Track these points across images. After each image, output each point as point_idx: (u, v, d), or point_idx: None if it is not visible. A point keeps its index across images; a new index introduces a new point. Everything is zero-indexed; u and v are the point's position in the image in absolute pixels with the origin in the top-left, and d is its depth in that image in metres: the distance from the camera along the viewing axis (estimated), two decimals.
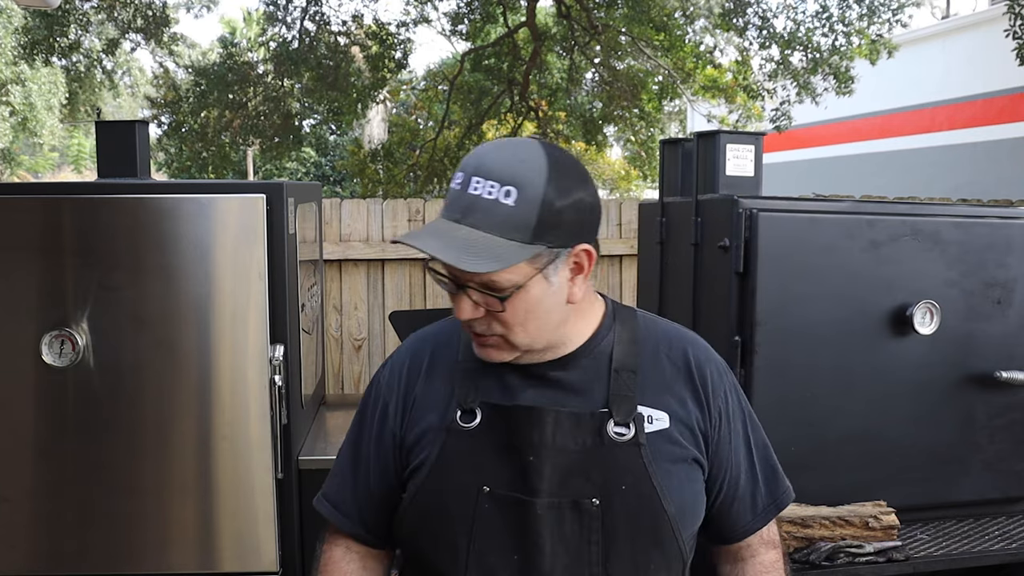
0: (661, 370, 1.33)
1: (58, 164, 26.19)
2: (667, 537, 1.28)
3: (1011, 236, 2.49)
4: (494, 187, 1.15)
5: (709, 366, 1.37)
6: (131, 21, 9.91)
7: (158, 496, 2.38)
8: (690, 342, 1.39)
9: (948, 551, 2.27)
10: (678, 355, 1.36)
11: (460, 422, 1.28)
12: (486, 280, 1.17)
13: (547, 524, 1.24)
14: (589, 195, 1.22)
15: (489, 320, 1.22)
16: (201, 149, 11.20)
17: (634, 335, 1.34)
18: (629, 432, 1.26)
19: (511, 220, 1.15)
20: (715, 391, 1.36)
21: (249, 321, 2.37)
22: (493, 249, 1.15)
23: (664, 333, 1.38)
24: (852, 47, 9.32)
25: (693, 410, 1.33)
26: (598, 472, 1.25)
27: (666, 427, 1.30)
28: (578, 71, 12.33)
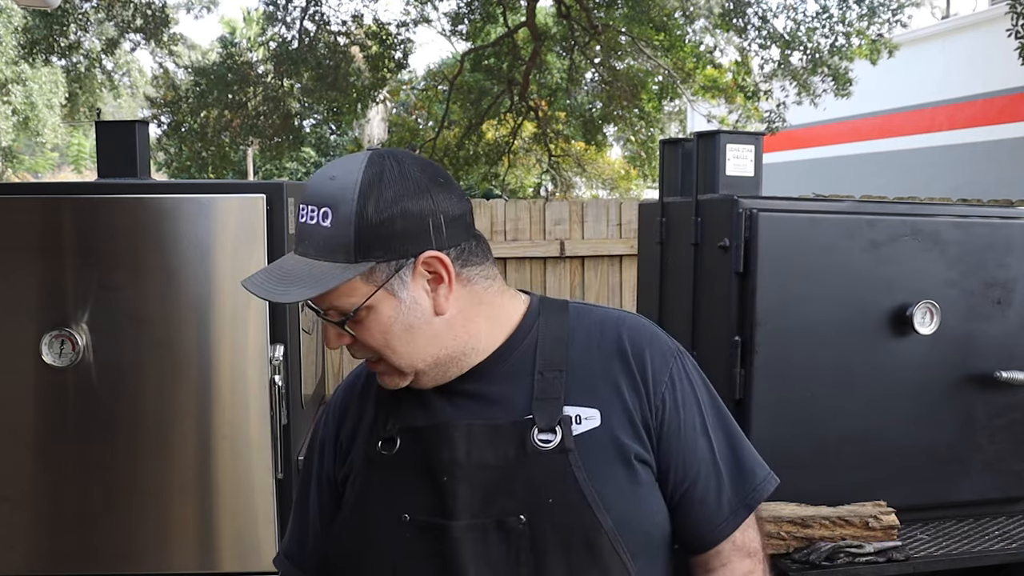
0: (592, 361, 1.21)
1: (58, 164, 26.20)
2: (606, 551, 1.15)
3: (1011, 236, 2.49)
4: (314, 211, 1.11)
5: (648, 349, 1.22)
6: (130, 21, 9.91)
7: (158, 496, 2.38)
8: (627, 326, 1.25)
9: (948, 551, 2.27)
10: (610, 341, 1.22)
11: (381, 451, 1.21)
12: (331, 306, 1.13)
13: (469, 548, 1.15)
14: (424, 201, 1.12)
15: (360, 346, 1.17)
16: (201, 149, 11.21)
17: (562, 330, 1.22)
18: (555, 438, 1.15)
19: (331, 242, 1.10)
20: (656, 376, 1.21)
21: (249, 321, 2.37)
22: (314, 275, 1.10)
23: (596, 321, 1.25)
24: (852, 47, 9.33)
25: (631, 400, 1.19)
26: (523, 486, 1.14)
27: (597, 424, 1.16)
28: (578, 71, 12.34)
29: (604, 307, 1.32)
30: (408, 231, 1.12)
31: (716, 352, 2.47)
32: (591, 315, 1.27)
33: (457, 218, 1.16)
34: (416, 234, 1.12)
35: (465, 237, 1.17)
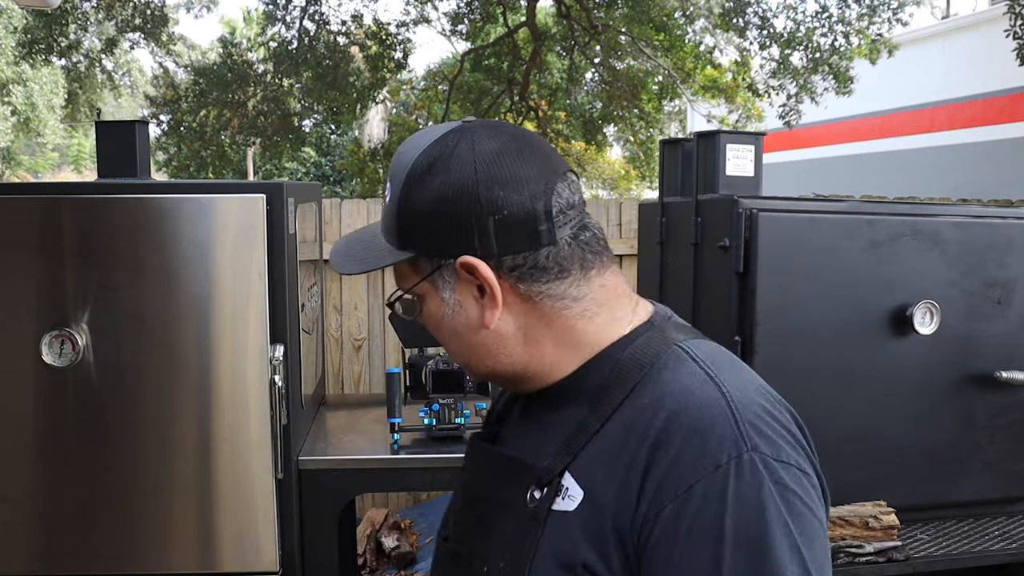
0: (621, 433, 0.91)
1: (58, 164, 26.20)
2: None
3: (1011, 236, 2.49)
4: (386, 185, 1.03)
5: (683, 438, 0.86)
6: (130, 20, 9.91)
7: (158, 496, 2.38)
8: (684, 399, 0.89)
9: (948, 551, 2.27)
10: (649, 422, 0.89)
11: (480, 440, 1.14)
12: (397, 282, 1.05)
13: (445, 570, 1.09)
14: (474, 198, 0.93)
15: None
16: (200, 148, 11.21)
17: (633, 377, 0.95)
18: (538, 498, 0.94)
19: (386, 219, 1.02)
20: (670, 477, 0.84)
21: (249, 321, 2.37)
22: (369, 250, 1.03)
23: (668, 391, 0.91)
24: (852, 47, 9.33)
25: (617, 492, 0.88)
26: (499, 534, 0.99)
27: (571, 509, 0.91)
28: (578, 71, 12.33)
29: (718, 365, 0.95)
30: (447, 229, 0.95)
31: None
32: (680, 366, 0.94)
33: (521, 222, 0.94)
34: (455, 234, 0.95)
35: (531, 245, 0.95)
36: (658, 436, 0.87)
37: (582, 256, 0.98)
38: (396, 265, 1.01)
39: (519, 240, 0.95)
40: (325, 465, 2.55)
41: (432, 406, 2.60)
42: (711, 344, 1.02)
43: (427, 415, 2.60)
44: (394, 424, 2.58)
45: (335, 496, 2.57)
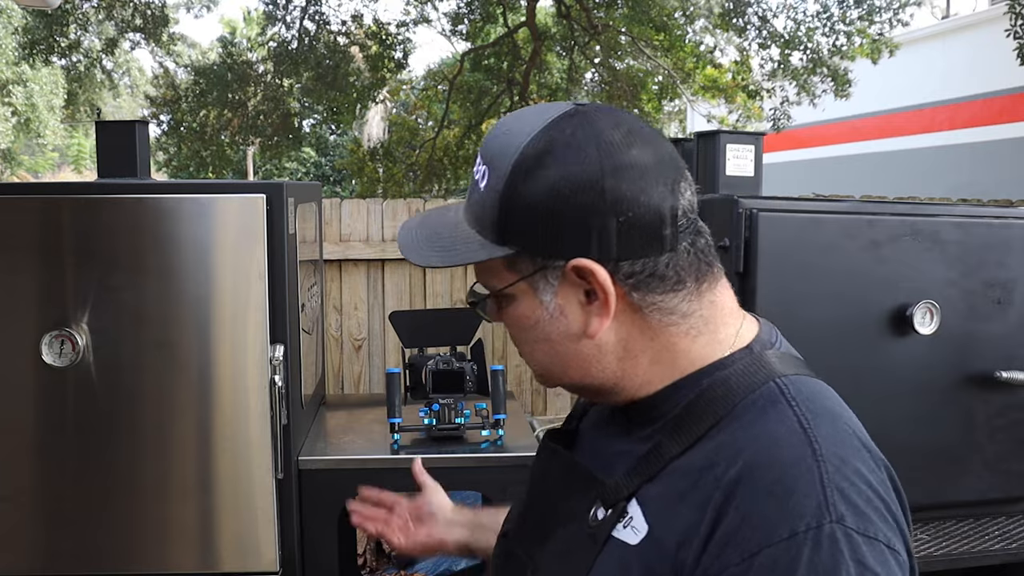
0: (694, 468, 0.83)
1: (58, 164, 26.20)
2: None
3: (1011, 236, 2.49)
4: (480, 165, 0.89)
5: (757, 497, 0.76)
6: (130, 20, 9.91)
7: (158, 496, 2.38)
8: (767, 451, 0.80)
9: (948, 551, 2.27)
10: (727, 459, 0.80)
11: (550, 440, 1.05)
12: (480, 278, 0.94)
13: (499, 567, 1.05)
14: (596, 194, 0.83)
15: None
16: (200, 148, 11.21)
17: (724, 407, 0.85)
18: (602, 518, 0.87)
19: (479, 207, 0.89)
20: (739, 533, 0.75)
21: (249, 321, 2.37)
22: (455, 241, 0.90)
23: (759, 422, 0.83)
24: (853, 47, 9.33)
25: (681, 537, 0.80)
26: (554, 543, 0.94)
27: (632, 543, 0.83)
28: (578, 71, 12.33)
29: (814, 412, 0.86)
30: (560, 227, 0.84)
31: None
32: (771, 408, 0.85)
33: (647, 225, 0.85)
34: (570, 234, 0.84)
35: (652, 250, 0.86)
36: (732, 487, 0.78)
37: (698, 266, 0.90)
38: (489, 263, 0.89)
39: (641, 245, 0.85)
40: (325, 465, 2.55)
41: (432, 406, 2.60)
42: (815, 383, 0.92)
43: (427, 415, 2.60)
44: (394, 424, 2.58)
45: (335, 496, 2.56)
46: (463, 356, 2.71)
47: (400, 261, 3.64)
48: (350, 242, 3.61)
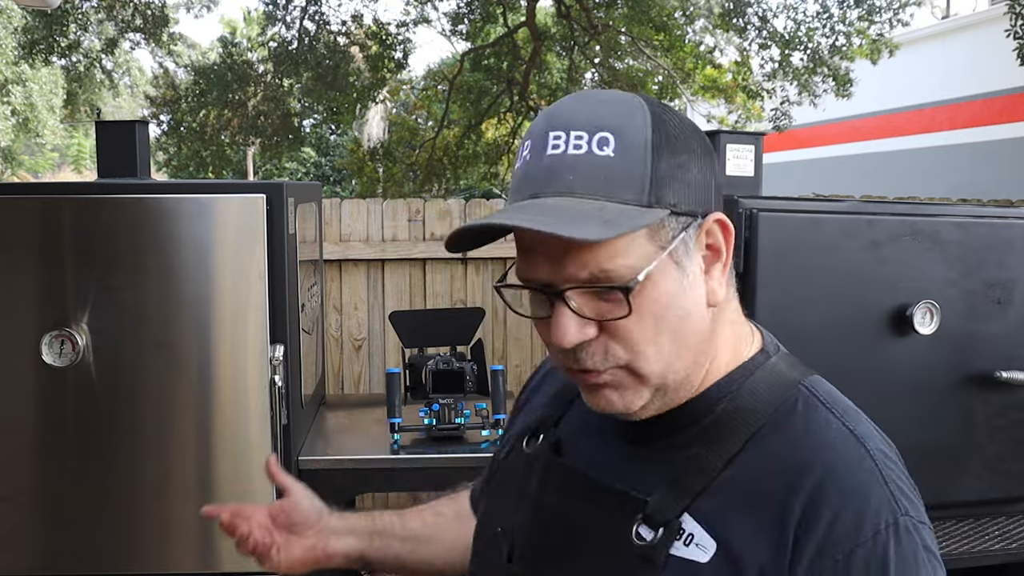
0: (750, 477, 0.82)
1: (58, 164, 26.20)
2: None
3: (1011, 236, 2.49)
4: (581, 137, 0.79)
5: (840, 500, 0.79)
6: (130, 20, 9.91)
7: (158, 496, 2.38)
8: (832, 455, 0.82)
9: (948, 551, 2.27)
10: (794, 463, 0.81)
11: (525, 448, 0.99)
12: (596, 272, 0.79)
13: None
14: (710, 153, 0.84)
15: (606, 343, 0.82)
16: (200, 148, 11.22)
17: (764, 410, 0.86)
18: (653, 536, 0.83)
19: (615, 173, 0.79)
20: (827, 542, 0.78)
21: (249, 321, 2.37)
22: (600, 215, 0.77)
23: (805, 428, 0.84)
24: (853, 47, 9.33)
25: (761, 553, 0.79)
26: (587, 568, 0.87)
27: (705, 560, 0.81)
28: (578, 71, 12.33)
29: (847, 412, 0.88)
30: (699, 182, 0.82)
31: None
32: (813, 414, 0.86)
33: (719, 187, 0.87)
34: (705, 189, 0.83)
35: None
36: (813, 495, 0.79)
37: None
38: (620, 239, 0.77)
39: (722, 199, 0.86)
40: (325, 465, 2.55)
41: (432, 406, 2.60)
42: (823, 381, 0.93)
43: (427, 415, 2.60)
44: (394, 424, 2.58)
45: (335, 496, 2.54)
46: (463, 356, 2.71)
47: (400, 261, 3.64)
48: (350, 242, 3.61)
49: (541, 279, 0.82)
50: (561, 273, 0.80)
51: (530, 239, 0.81)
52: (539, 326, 0.86)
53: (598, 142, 0.79)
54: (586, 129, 0.80)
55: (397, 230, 3.64)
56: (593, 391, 0.85)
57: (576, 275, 0.79)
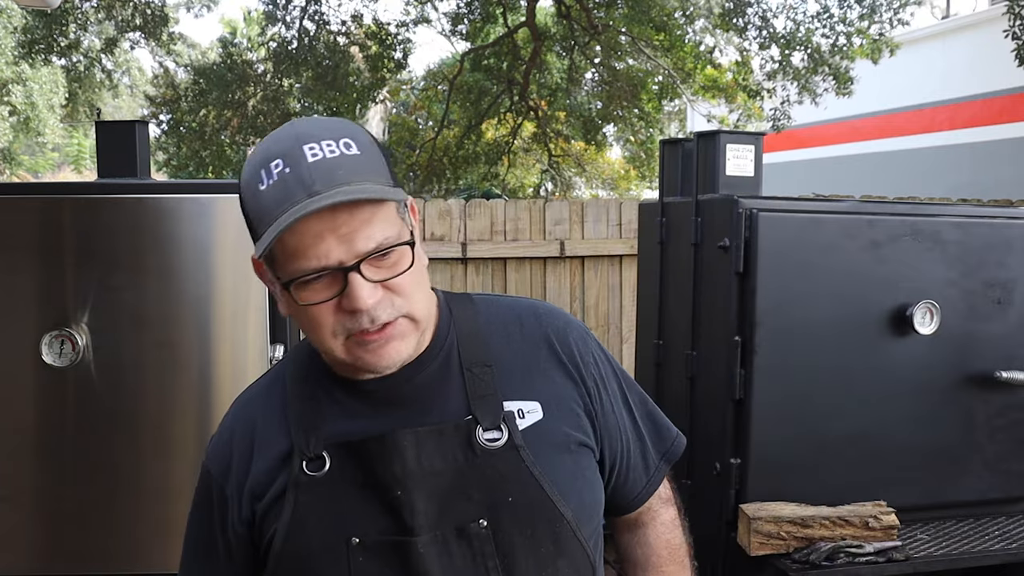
0: (519, 353, 1.17)
1: (58, 164, 26.20)
2: (569, 541, 1.13)
3: (1011, 236, 2.49)
4: (331, 144, 1.02)
5: (570, 333, 1.21)
6: (130, 20, 9.91)
7: (158, 496, 2.38)
8: (543, 313, 1.22)
9: (948, 551, 2.27)
10: (533, 331, 1.19)
11: (307, 471, 1.09)
12: (381, 240, 1.01)
13: (434, 562, 1.07)
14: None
15: (391, 298, 1.05)
16: (200, 148, 11.21)
17: (475, 323, 1.18)
18: (502, 436, 1.10)
19: (367, 166, 1.03)
20: (584, 360, 1.20)
21: (249, 321, 2.37)
22: (375, 190, 1.01)
23: (511, 311, 1.21)
24: (853, 47, 9.33)
25: (567, 388, 1.17)
26: (478, 489, 1.09)
27: (541, 417, 1.13)
28: (578, 71, 12.34)
29: (508, 296, 1.28)
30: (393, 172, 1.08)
31: (716, 352, 2.47)
32: (500, 304, 1.23)
33: None
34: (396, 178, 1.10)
35: None
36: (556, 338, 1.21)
37: None
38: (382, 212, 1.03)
39: None
40: None
41: None
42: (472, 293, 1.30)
43: None
44: None
45: None
46: None
47: None
48: None
49: (334, 262, 1.01)
50: (352, 250, 1.01)
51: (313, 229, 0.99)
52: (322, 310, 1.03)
53: (344, 145, 1.02)
54: (332, 137, 1.03)
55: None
56: (381, 349, 1.06)
57: (365, 248, 1.01)
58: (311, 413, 1.13)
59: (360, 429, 1.10)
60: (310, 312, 1.04)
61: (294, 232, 0.99)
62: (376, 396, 1.12)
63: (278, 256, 1.03)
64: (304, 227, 0.99)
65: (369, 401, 1.12)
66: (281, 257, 1.02)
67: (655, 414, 1.31)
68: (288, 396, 1.16)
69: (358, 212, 1.00)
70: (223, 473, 1.18)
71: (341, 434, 1.10)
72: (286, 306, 1.09)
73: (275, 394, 1.18)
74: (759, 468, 2.34)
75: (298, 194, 0.99)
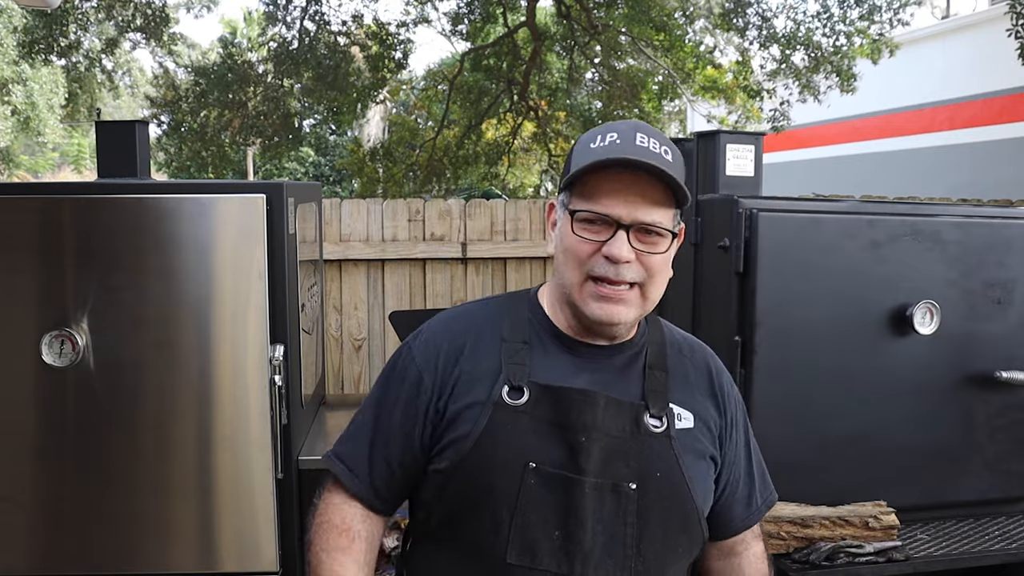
0: (686, 373, 1.45)
1: (58, 164, 26.19)
2: (693, 523, 1.37)
3: (1011, 236, 2.49)
4: (656, 143, 1.30)
5: (724, 376, 1.51)
6: (131, 20, 9.91)
7: (158, 496, 2.38)
8: (708, 353, 1.53)
9: (948, 551, 2.27)
10: (700, 362, 1.49)
11: (507, 398, 1.32)
12: (655, 220, 1.30)
13: (591, 503, 1.29)
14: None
15: (638, 267, 1.32)
16: (200, 149, 11.20)
17: (662, 338, 1.46)
18: (662, 425, 1.36)
19: (677, 168, 1.31)
20: (729, 399, 1.49)
21: (249, 321, 2.37)
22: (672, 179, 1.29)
23: (686, 340, 1.52)
24: (853, 47, 9.32)
25: (712, 413, 1.45)
26: (635, 459, 1.33)
27: (691, 426, 1.40)
28: (578, 71, 12.33)
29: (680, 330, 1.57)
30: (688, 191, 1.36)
31: (716, 352, 2.47)
32: (680, 333, 1.53)
33: None
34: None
35: None
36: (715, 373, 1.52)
37: None
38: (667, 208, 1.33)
39: None
40: (325, 465, 2.55)
41: None
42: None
43: None
44: None
45: None
46: None
47: (400, 261, 3.64)
48: (350, 242, 3.61)
49: (615, 216, 1.30)
50: (632, 215, 1.30)
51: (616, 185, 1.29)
52: (581, 244, 1.31)
53: (664, 151, 1.32)
54: (659, 140, 1.33)
55: (397, 230, 3.64)
56: (609, 302, 1.33)
57: (643, 219, 1.30)
58: (523, 352, 1.36)
59: (562, 379, 1.35)
60: (576, 243, 1.31)
61: (602, 179, 1.29)
62: (579, 358, 1.38)
63: (577, 189, 1.32)
64: (610, 180, 1.28)
65: (573, 361, 1.38)
66: (580, 191, 1.31)
67: (763, 465, 1.57)
68: (508, 329, 1.39)
69: (651, 192, 1.29)
70: (427, 364, 1.39)
71: (544, 377, 1.34)
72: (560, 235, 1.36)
73: (492, 320, 1.41)
74: None
75: (617, 154, 1.27)
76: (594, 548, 1.29)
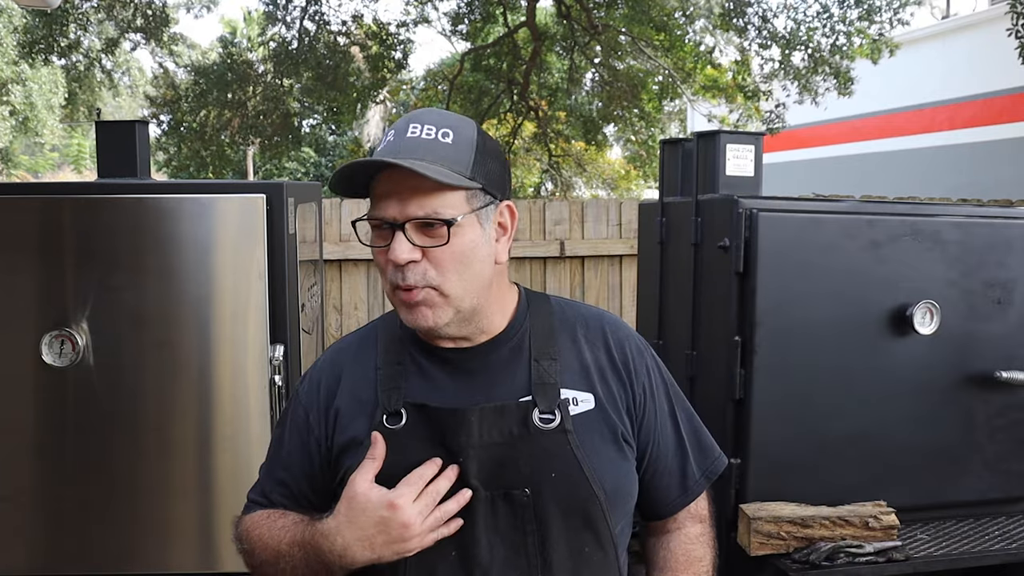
0: (581, 352, 1.36)
1: (58, 164, 26.18)
2: (599, 520, 1.29)
3: (1011, 236, 2.49)
4: (432, 129, 1.24)
5: (628, 344, 1.39)
6: (131, 20, 9.91)
7: (158, 496, 2.38)
8: (607, 322, 1.41)
9: (948, 551, 2.27)
10: (596, 335, 1.38)
11: (386, 424, 1.27)
12: (430, 211, 1.20)
13: (482, 518, 1.25)
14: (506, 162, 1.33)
15: (425, 267, 1.22)
16: (200, 148, 11.20)
17: (550, 321, 1.37)
18: (555, 419, 1.27)
19: (452, 155, 1.23)
20: (636, 369, 1.38)
21: (249, 321, 2.37)
22: (440, 173, 1.20)
23: (580, 315, 1.41)
24: (853, 47, 9.33)
25: (617, 389, 1.35)
26: (527, 462, 1.26)
27: (592, 407, 1.31)
28: (578, 71, 12.34)
29: (582, 303, 1.47)
30: (501, 177, 1.29)
31: (716, 352, 2.47)
32: (574, 308, 1.42)
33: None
34: (504, 183, 1.31)
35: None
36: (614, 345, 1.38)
37: None
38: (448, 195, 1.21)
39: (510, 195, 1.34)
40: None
41: None
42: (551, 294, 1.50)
43: None
44: None
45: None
46: None
47: None
48: (350, 242, 3.60)
49: (389, 217, 1.22)
50: (404, 212, 1.21)
51: (388, 186, 1.22)
52: (378, 255, 1.25)
53: (442, 134, 1.24)
54: (435, 125, 1.25)
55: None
56: (412, 309, 1.25)
57: (415, 213, 1.21)
58: (396, 374, 1.32)
59: (437, 394, 1.29)
60: (375, 254, 1.27)
61: (379, 182, 1.24)
62: (453, 365, 1.31)
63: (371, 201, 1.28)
64: (384, 182, 1.23)
65: (447, 369, 1.31)
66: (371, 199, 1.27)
67: (700, 432, 1.46)
68: (379, 354, 1.35)
69: (421, 185, 1.20)
70: (311, 401, 1.37)
71: (420, 396, 1.29)
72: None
73: (368, 347, 1.37)
74: (759, 468, 2.34)
75: (381, 155, 1.22)
76: (492, 563, 1.25)
